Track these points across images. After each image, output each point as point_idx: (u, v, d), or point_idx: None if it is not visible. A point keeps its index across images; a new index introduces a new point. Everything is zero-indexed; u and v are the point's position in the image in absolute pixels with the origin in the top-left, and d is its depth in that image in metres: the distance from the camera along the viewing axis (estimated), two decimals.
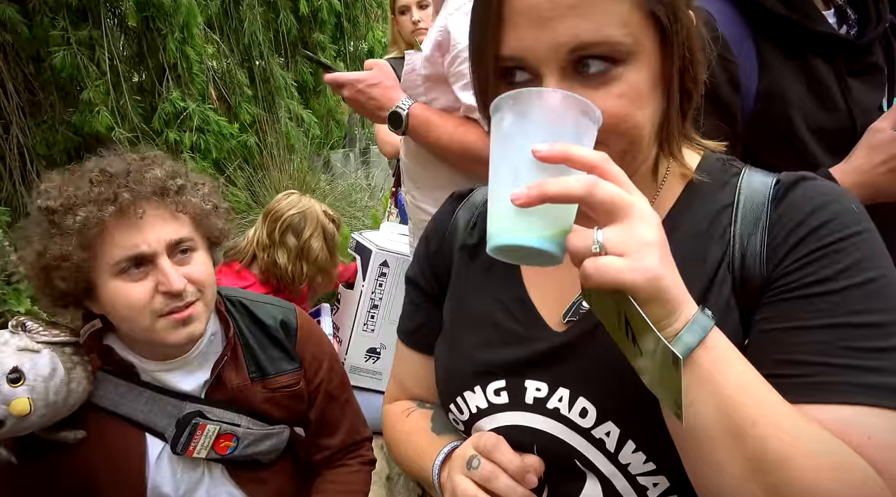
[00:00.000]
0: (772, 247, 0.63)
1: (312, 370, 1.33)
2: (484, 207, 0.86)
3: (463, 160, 1.49)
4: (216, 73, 4.54)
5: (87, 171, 1.08)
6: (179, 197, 1.10)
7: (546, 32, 0.59)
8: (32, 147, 3.96)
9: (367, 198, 5.01)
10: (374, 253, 2.22)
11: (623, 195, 0.52)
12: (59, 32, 3.68)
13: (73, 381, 1.04)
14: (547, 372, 0.72)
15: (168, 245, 1.07)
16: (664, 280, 0.52)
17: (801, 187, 0.66)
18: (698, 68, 0.66)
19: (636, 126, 0.62)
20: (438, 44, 1.45)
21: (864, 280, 0.59)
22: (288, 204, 2.22)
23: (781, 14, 1.08)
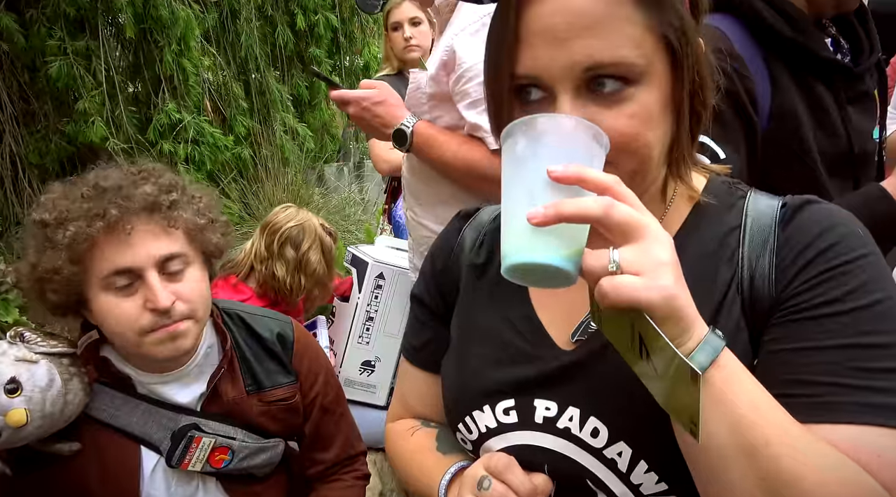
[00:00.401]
0: (780, 268, 0.64)
1: (308, 384, 1.33)
2: (490, 226, 0.87)
3: (466, 177, 1.50)
4: (212, 85, 4.56)
5: (83, 184, 1.08)
6: (171, 212, 1.08)
7: (562, 52, 0.60)
8: (25, 156, 3.95)
9: (361, 212, 5.02)
10: (371, 265, 2.23)
11: (638, 216, 0.53)
12: (55, 42, 3.69)
13: (70, 392, 1.04)
14: (556, 391, 0.72)
15: (157, 261, 1.06)
16: (679, 299, 0.53)
17: (807, 210, 0.67)
18: (707, 93, 0.68)
19: (646, 145, 0.63)
20: (444, 63, 1.47)
21: (872, 302, 0.60)
22: (286, 217, 2.23)
23: (789, 36, 1.11)
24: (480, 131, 1.45)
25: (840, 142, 1.16)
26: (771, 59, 1.12)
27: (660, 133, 0.65)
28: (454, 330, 0.85)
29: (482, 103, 1.42)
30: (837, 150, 1.16)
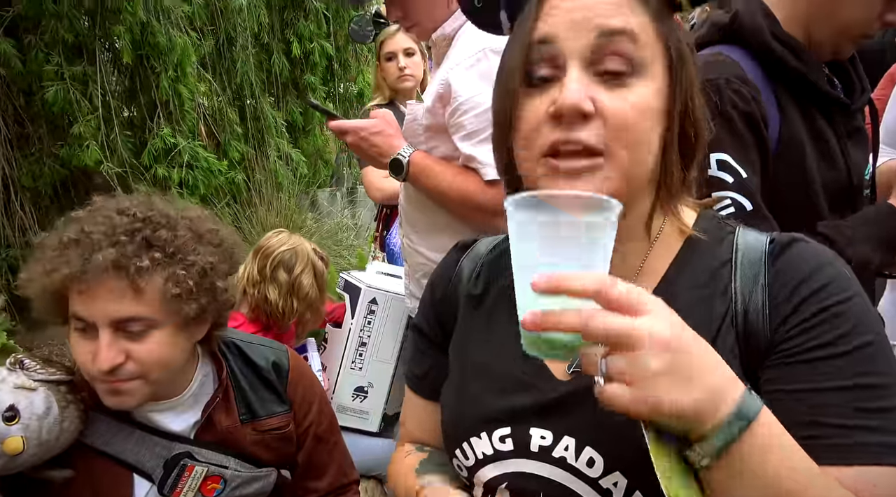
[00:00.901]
0: (773, 305, 0.67)
1: (302, 412, 1.34)
2: (487, 257, 0.89)
3: (461, 207, 1.53)
4: (207, 110, 4.60)
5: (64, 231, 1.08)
6: (140, 276, 1.02)
7: (578, 17, 0.65)
8: (18, 179, 3.94)
9: (353, 237, 5.04)
10: (364, 290, 2.24)
11: (622, 325, 0.52)
12: (53, 67, 3.72)
13: (66, 420, 1.04)
14: (552, 421, 0.73)
15: (112, 320, 1.03)
16: (675, 407, 0.52)
17: (796, 248, 0.69)
18: (699, 118, 0.71)
19: (638, 140, 0.66)
20: (440, 96, 1.51)
21: (864, 343, 0.63)
22: (279, 241, 2.25)
23: (794, 66, 1.15)
24: (475, 162, 1.49)
25: (840, 174, 1.20)
26: (779, 89, 1.17)
27: (654, 142, 0.68)
28: (452, 358, 0.87)
29: (477, 135, 1.47)
30: (838, 181, 1.20)
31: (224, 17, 4.73)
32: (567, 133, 0.65)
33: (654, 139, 0.67)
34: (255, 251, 2.26)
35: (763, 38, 1.16)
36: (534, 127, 0.68)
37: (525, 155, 0.70)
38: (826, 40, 1.20)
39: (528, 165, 0.70)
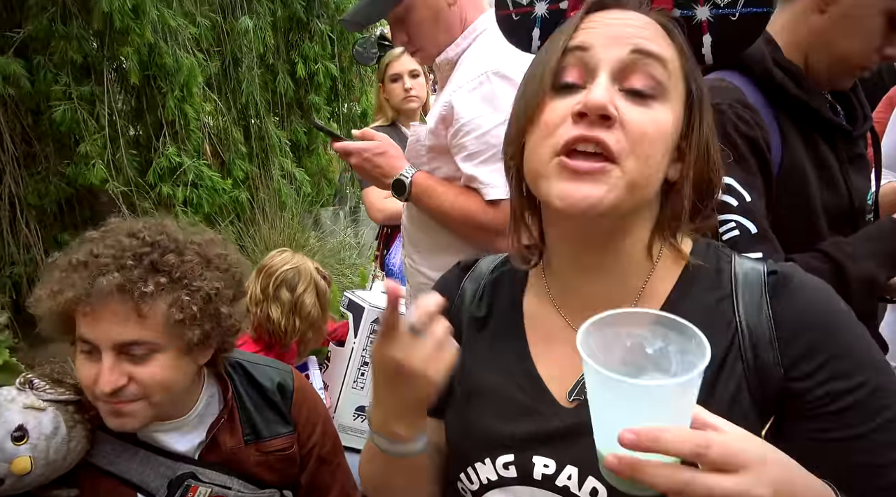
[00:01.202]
0: (781, 342, 0.68)
1: (306, 434, 1.34)
2: (489, 278, 0.89)
3: (463, 226, 1.55)
4: (212, 130, 4.64)
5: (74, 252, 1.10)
6: (144, 300, 1.04)
7: (616, 33, 0.69)
8: (24, 197, 3.98)
9: (356, 256, 5.05)
10: (367, 310, 2.25)
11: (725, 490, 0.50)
12: (61, 87, 3.77)
13: (73, 439, 1.05)
14: (555, 449, 0.73)
15: (115, 344, 1.04)
16: None
17: (797, 283, 0.71)
18: (717, 168, 0.73)
19: (651, 158, 0.67)
20: (443, 117, 1.54)
21: (878, 381, 0.66)
22: (282, 260, 2.26)
23: (795, 94, 1.18)
24: (476, 182, 1.51)
25: (842, 199, 1.22)
26: (781, 115, 1.19)
27: (662, 168, 0.69)
28: (455, 382, 0.86)
29: (478, 156, 1.49)
30: (840, 206, 1.21)
31: (230, 38, 4.80)
32: (587, 131, 0.66)
33: (664, 163, 0.69)
34: (258, 270, 2.28)
35: (765, 65, 1.18)
36: (553, 126, 0.69)
37: (538, 154, 0.70)
38: (823, 70, 1.22)
39: (539, 163, 0.70)
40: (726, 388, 0.68)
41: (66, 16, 3.76)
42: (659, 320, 0.57)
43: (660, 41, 0.69)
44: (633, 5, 0.72)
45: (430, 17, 1.59)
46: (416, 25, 1.61)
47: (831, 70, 1.23)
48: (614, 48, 0.68)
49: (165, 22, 3.98)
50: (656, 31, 0.70)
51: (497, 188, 1.48)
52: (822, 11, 1.17)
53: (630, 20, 0.70)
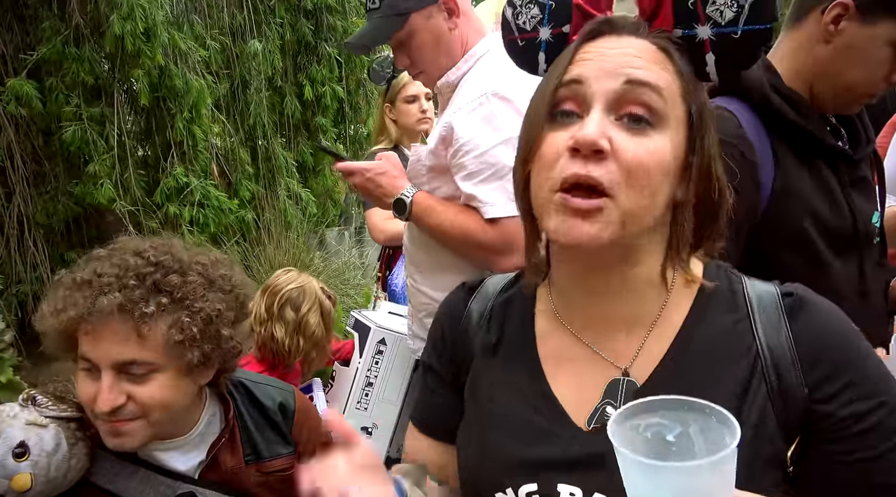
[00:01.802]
0: (805, 362, 0.69)
1: (307, 454, 1.33)
2: (497, 299, 0.88)
3: (462, 245, 1.56)
4: (220, 150, 4.70)
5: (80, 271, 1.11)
6: (144, 320, 1.03)
7: (609, 64, 0.69)
8: (32, 216, 4.02)
9: (361, 276, 5.06)
10: (373, 330, 2.24)
11: None
12: (71, 109, 3.83)
13: (74, 457, 1.05)
14: (580, 477, 0.71)
15: (115, 363, 1.04)
16: None
17: (811, 307, 0.72)
18: (722, 187, 0.73)
19: (649, 187, 0.67)
20: (442, 138, 1.56)
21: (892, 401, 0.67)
22: (287, 279, 2.27)
23: (793, 120, 1.18)
24: (475, 201, 1.53)
25: (845, 221, 1.21)
26: (777, 141, 1.19)
27: (663, 196, 0.69)
28: (469, 407, 0.85)
29: (478, 175, 1.51)
30: (843, 228, 1.21)
31: (239, 61, 4.88)
32: (582, 168, 0.66)
33: (665, 191, 0.69)
34: (263, 289, 2.28)
35: (763, 92, 1.18)
36: (552, 159, 0.69)
37: (541, 187, 0.71)
38: (829, 98, 1.23)
39: (542, 197, 0.71)
40: (751, 411, 0.67)
41: (79, 39, 3.85)
42: (672, 404, 0.56)
43: (655, 68, 0.69)
44: (629, 30, 0.72)
45: (432, 41, 1.62)
46: (417, 49, 1.64)
47: (837, 98, 1.23)
48: (607, 80, 0.68)
49: (176, 45, 4.06)
50: (652, 56, 0.70)
51: (496, 206, 1.49)
52: (827, 42, 1.18)
53: (625, 48, 0.70)
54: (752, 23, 0.68)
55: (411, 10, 1.58)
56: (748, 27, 0.69)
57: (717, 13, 0.69)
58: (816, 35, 1.19)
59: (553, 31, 0.79)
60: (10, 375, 3.36)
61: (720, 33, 0.70)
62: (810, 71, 1.22)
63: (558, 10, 0.78)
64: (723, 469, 0.51)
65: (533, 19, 0.80)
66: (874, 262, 1.30)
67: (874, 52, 1.16)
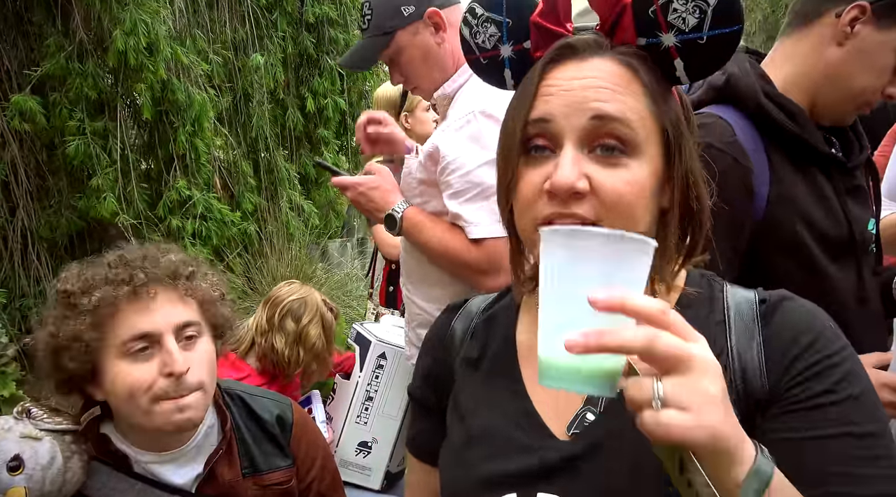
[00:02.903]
0: (771, 363, 0.68)
1: (305, 468, 1.32)
2: (480, 318, 0.89)
3: (448, 264, 1.58)
4: (222, 163, 4.71)
5: (105, 259, 1.15)
6: (190, 282, 1.15)
7: (575, 99, 0.68)
8: (36, 230, 4.04)
9: (363, 288, 5.05)
10: (374, 344, 2.23)
11: (684, 347, 0.51)
12: (75, 123, 3.85)
13: (69, 470, 1.04)
14: (558, 484, 0.71)
15: (175, 327, 1.11)
16: (727, 435, 0.52)
17: (785, 308, 0.71)
18: (701, 190, 0.73)
19: (634, 216, 0.67)
20: (430, 154, 1.58)
21: (854, 394, 0.65)
22: (289, 291, 2.27)
23: (794, 132, 1.18)
24: (461, 221, 1.53)
25: (841, 228, 1.22)
26: (771, 148, 1.19)
27: (648, 216, 0.69)
28: (451, 424, 0.85)
29: (463, 194, 1.51)
30: (840, 234, 1.21)
31: (242, 74, 4.90)
32: (563, 207, 0.67)
33: (647, 215, 0.69)
34: (265, 301, 2.28)
35: (758, 100, 1.19)
36: (530, 199, 0.70)
37: (524, 220, 0.72)
38: (830, 104, 1.23)
39: (526, 231, 0.72)
40: None
41: (83, 54, 3.88)
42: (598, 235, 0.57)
43: (621, 95, 0.67)
44: (591, 51, 0.70)
45: (420, 57, 1.65)
46: (407, 65, 1.67)
47: (837, 105, 1.23)
48: (574, 117, 0.67)
49: (178, 59, 4.09)
50: (618, 79, 0.68)
51: (480, 226, 1.49)
52: (840, 44, 1.18)
53: (589, 77, 0.68)
54: (717, 27, 0.67)
55: (396, 29, 1.62)
56: (714, 32, 0.67)
57: (680, 20, 0.67)
58: (829, 37, 1.19)
59: (514, 47, 0.77)
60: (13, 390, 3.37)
61: (685, 40, 0.68)
62: (819, 74, 1.22)
63: (516, 27, 0.76)
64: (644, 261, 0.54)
65: (492, 37, 0.78)
66: (871, 269, 1.30)
67: (882, 57, 1.17)
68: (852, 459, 0.62)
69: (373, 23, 1.64)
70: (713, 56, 0.69)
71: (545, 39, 0.73)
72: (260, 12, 4.94)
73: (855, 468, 0.62)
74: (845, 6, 1.17)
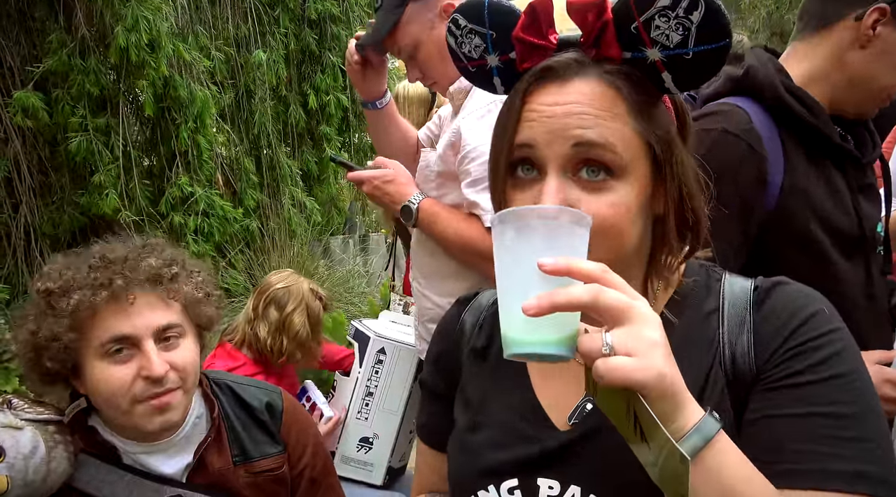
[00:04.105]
0: (759, 346, 0.68)
1: (297, 455, 1.31)
2: (489, 310, 0.90)
3: (463, 253, 1.56)
4: (225, 160, 4.72)
5: (88, 256, 1.13)
6: (172, 284, 1.13)
7: (557, 126, 0.67)
8: (39, 227, 4.05)
9: (365, 284, 5.05)
10: (373, 340, 2.22)
11: (626, 300, 0.56)
12: (77, 119, 3.87)
13: (54, 460, 1.03)
14: (558, 470, 0.73)
15: (155, 331, 1.09)
16: (671, 378, 0.55)
17: (778, 292, 0.71)
18: (696, 202, 0.72)
19: (621, 235, 0.68)
20: (451, 144, 1.57)
21: (838, 374, 0.64)
22: (277, 279, 2.25)
23: (811, 123, 1.19)
24: (478, 209, 1.51)
25: (852, 222, 1.22)
26: (787, 139, 1.20)
27: (636, 231, 0.70)
28: (458, 412, 0.87)
29: (482, 182, 1.49)
30: (851, 229, 1.22)
31: (244, 71, 4.91)
32: None
33: (635, 228, 0.69)
34: (255, 289, 2.27)
35: (776, 93, 1.19)
36: None
37: None
38: (852, 105, 1.25)
39: None
40: (709, 402, 0.67)
41: (85, 50, 3.89)
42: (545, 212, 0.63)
43: (603, 120, 0.66)
44: (573, 71, 0.68)
45: (437, 53, 1.64)
46: (424, 62, 1.66)
47: (860, 103, 1.25)
48: (556, 144, 0.67)
49: (180, 55, 4.09)
50: (600, 104, 0.67)
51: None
52: (863, 47, 1.20)
53: (570, 103, 0.67)
54: (703, 43, 0.65)
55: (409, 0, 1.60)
56: (700, 48, 0.65)
57: (664, 37, 0.66)
58: (849, 40, 1.21)
59: (501, 57, 0.76)
60: (16, 385, 3.38)
61: (671, 55, 0.67)
62: (840, 76, 1.23)
63: (501, 39, 0.75)
64: (583, 235, 0.60)
65: (477, 48, 0.78)
66: (879, 269, 1.31)
67: None
68: (821, 438, 0.62)
69: None
70: (702, 69, 0.67)
71: (529, 52, 0.72)
72: (262, 8, 4.95)
73: (819, 446, 0.61)
74: (865, 9, 1.19)
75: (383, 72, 1.84)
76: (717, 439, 0.58)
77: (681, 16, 0.64)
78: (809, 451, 0.61)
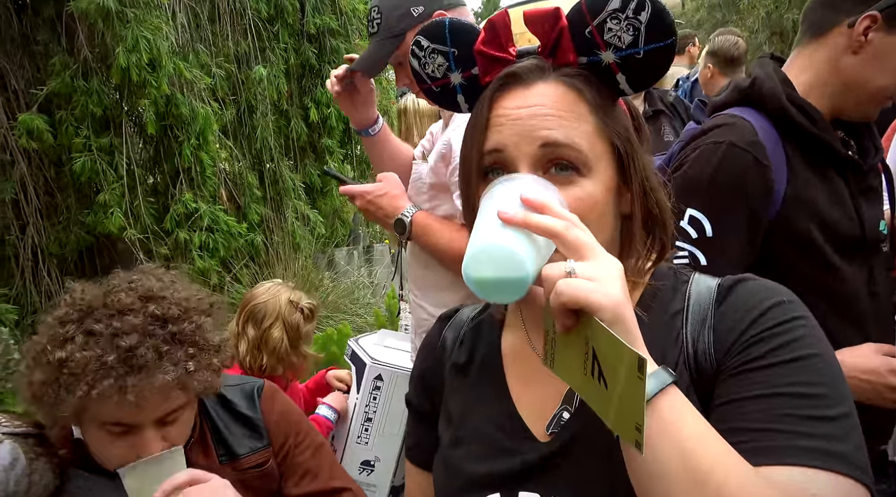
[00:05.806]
0: (719, 341, 0.69)
1: (279, 442, 1.32)
2: (469, 325, 0.91)
3: (455, 265, 1.56)
4: (228, 175, 4.76)
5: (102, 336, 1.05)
6: (187, 376, 1.06)
7: (524, 129, 0.71)
8: (46, 247, 4.10)
9: (370, 295, 5.05)
10: (369, 367, 2.20)
11: (592, 241, 0.60)
12: (81, 140, 3.92)
13: (35, 472, 1.03)
14: (539, 482, 0.73)
15: (160, 418, 1.07)
16: (627, 307, 0.58)
17: (739, 287, 0.72)
18: (660, 196, 0.75)
19: (589, 228, 0.68)
20: (442, 155, 1.57)
21: (797, 357, 0.64)
22: (258, 293, 2.22)
23: (814, 133, 1.22)
24: None
25: (854, 227, 1.25)
26: (790, 149, 1.23)
27: (605, 227, 0.72)
28: (441, 429, 0.87)
29: None
30: (853, 233, 1.25)
31: (245, 87, 4.96)
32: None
33: (607, 218, 0.73)
34: None
35: (780, 103, 1.23)
36: None
37: None
38: (852, 109, 1.28)
39: None
40: None
41: (87, 72, 3.95)
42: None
43: (566, 120, 0.70)
44: (535, 76, 0.73)
45: None
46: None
47: (859, 106, 1.28)
48: (525, 145, 0.70)
49: (181, 74, 4.14)
50: (563, 105, 0.71)
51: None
52: (855, 53, 1.24)
53: (534, 105, 0.71)
54: (652, 42, 0.70)
55: (407, 30, 1.61)
56: (650, 46, 0.70)
57: (616, 38, 0.71)
58: (843, 47, 1.25)
59: (464, 74, 0.80)
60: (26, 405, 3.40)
61: (624, 56, 0.71)
62: (837, 81, 1.26)
63: (462, 56, 0.79)
64: (512, 182, 0.67)
65: (440, 67, 0.82)
66: (882, 267, 1.32)
67: None
68: (787, 418, 0.61)
69: (382, 25, 1.62)
70: (653, 67, 0.72)
71: (491, 66, 0.76)
72: (261, 24, 5.01)
73: (786, 424, 0.61)
74: (856, 17, 1.23)
75: (371, 99, 1.84)
76: (674, 392, 0.59)
77: (630, 17, 0.69)
78: (777, 430, 0.61)
